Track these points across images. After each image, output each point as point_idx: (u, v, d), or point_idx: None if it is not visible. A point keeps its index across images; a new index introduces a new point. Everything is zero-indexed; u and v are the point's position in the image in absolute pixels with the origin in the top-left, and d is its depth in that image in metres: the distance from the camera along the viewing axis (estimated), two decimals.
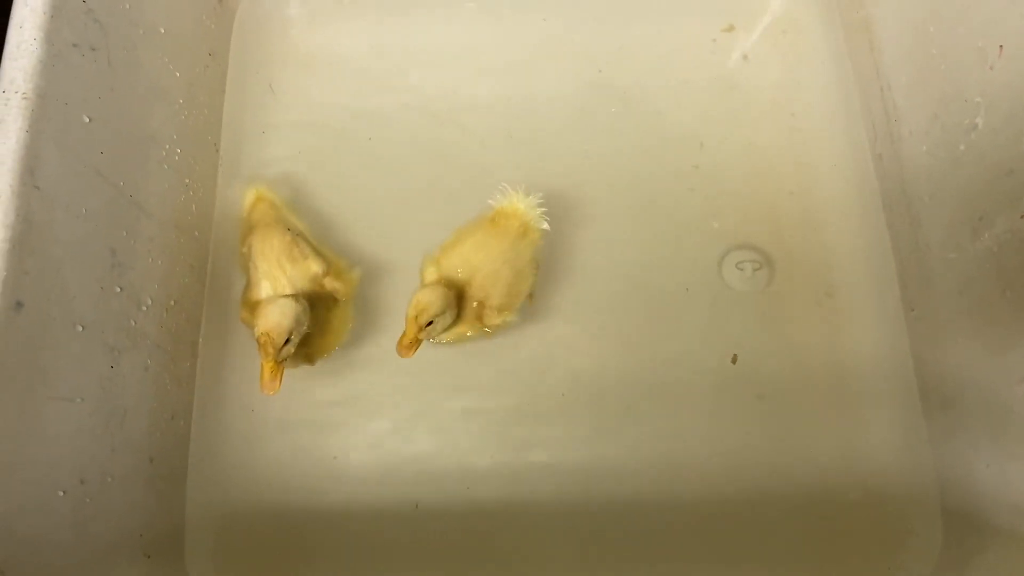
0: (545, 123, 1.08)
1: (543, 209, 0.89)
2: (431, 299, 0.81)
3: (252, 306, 0.86)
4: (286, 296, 0.82)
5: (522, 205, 0.88)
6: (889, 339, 0.98)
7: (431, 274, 0.88)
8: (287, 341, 0.78)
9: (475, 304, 0.87)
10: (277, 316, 0.78)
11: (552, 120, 1.08)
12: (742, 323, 0.98)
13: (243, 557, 0.91)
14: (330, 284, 0.87)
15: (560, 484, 0.93)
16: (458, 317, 0.86)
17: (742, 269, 1.00)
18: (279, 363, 0.78)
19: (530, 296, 0.93)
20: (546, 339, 0.98)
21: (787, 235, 1.02)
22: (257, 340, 0.78)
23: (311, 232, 0.94)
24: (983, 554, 0.84)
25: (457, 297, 0.85)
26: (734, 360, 0.96)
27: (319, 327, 0.85)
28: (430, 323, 0.81)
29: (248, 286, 0.89)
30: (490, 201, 0.90)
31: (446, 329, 0.86)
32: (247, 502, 0.92)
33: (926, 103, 0.93)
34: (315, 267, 0.87)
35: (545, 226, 0.89)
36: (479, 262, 0.87)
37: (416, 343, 0.81)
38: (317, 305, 0.86)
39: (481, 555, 0.91)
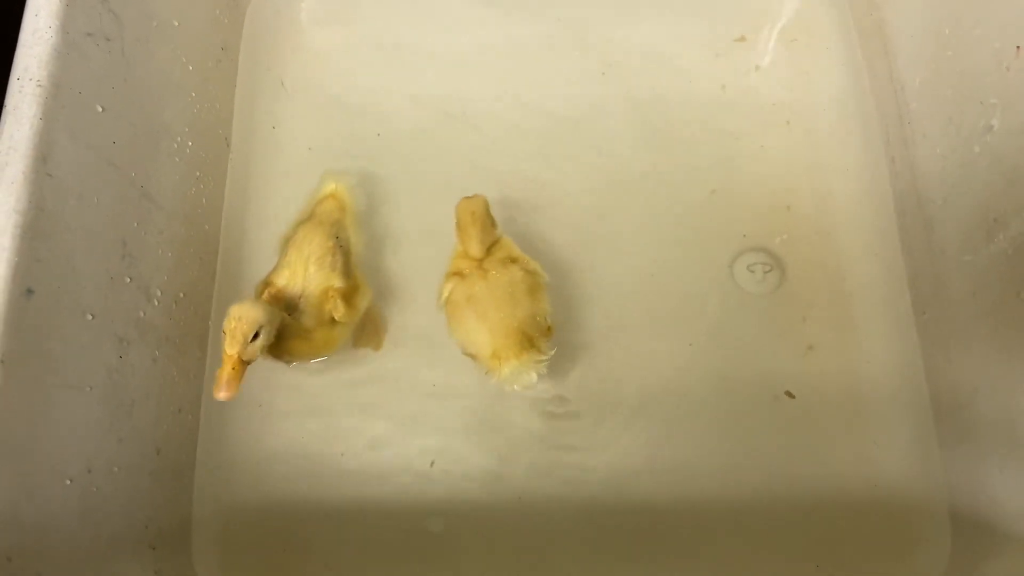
0: (558, 122, 1.08)
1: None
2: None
3: (267, 286, 0.86)
4: (256, 299, 0.82)
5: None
6: (900, 343, 0.97)
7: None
8: (255, 336, 0.76)
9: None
10: (248, 307, 0.77)
11: (565, 120, 1.08)
12: (753, 325, 0.98)
13: (249, 550, 0.90)
14: (333, 303, 0.86)
15: (569, 486, 0.92)
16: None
17: (753, 271, 1.00)
18: (242, 363, 0.76)
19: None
20: (555, 341, 0.97)
21: (799, 238, 1.02)
22: (224, 330, 0.76)
23: (361, 247, 0.95)
24: (993, 561, 0.83)
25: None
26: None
27: (304, 333, 0.84)
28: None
29: (275, 268, 0.89)
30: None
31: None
32: (253, 496, 0.92)
33: (940, 106, 0.93)
34: (336, 282, 0.88)
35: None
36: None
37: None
38: (313, 313, 0.86)
39: (487, 554, 0.90)
